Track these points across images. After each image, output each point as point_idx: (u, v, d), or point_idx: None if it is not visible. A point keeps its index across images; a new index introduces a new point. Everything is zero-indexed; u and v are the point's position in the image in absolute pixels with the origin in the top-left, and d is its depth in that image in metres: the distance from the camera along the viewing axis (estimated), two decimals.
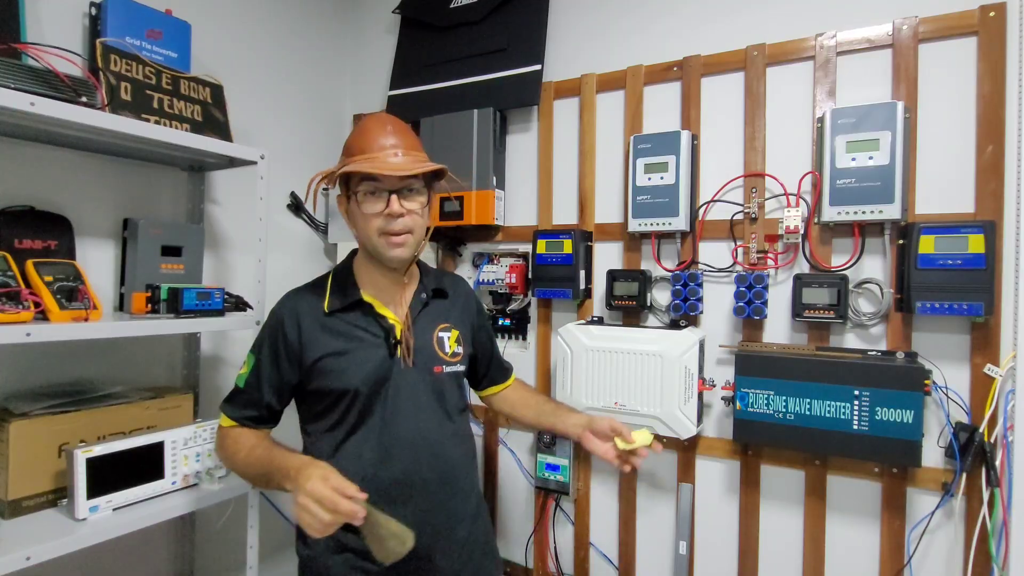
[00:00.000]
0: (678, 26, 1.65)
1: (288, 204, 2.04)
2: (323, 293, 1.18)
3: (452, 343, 1.21)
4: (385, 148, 1.09)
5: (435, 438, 1.15)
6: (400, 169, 1.06)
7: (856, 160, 1.34)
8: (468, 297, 1.32)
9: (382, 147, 1.09)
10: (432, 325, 1.20)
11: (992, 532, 1.24)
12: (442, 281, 1.27)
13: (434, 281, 1.25)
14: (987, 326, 1.28)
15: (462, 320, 1.26)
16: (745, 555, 1.53)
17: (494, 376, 1.39)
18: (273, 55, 1.98)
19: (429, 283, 1.23)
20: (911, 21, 1.35)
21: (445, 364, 1.19)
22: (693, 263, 1.59)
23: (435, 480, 1.13)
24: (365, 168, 1.06)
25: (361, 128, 1.13)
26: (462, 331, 1.25)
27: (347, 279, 1.19)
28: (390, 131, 1.11)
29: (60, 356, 1.42)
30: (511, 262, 1.84)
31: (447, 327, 1.22)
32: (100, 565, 1.51)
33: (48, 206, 1.38)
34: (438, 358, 1.18)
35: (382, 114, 1.23)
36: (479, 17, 1.92)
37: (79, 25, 1.45)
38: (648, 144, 1.58)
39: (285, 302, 1.19)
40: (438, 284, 1.25)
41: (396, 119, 1.17)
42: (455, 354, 1.21)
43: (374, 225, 1.09)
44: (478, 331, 1.32)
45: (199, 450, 1.44)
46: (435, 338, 1.19)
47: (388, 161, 1.07)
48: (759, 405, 1.40)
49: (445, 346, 1.20)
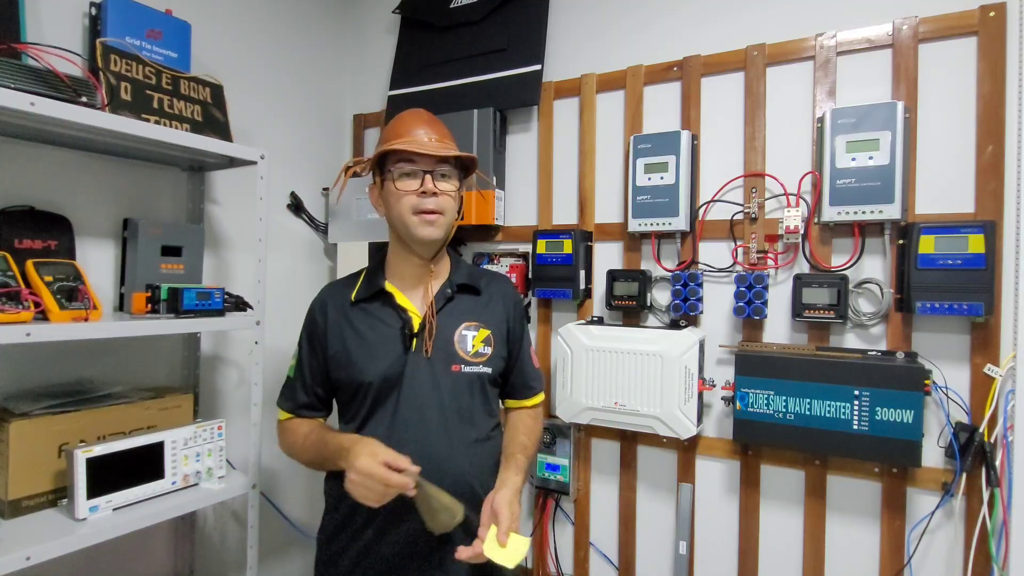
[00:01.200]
0: (678, 26, 1.65)
1: (288, 204, 2.04)
2: (355, 283, 1.22)
3: (477, 342, 1.18)
4: (420, 134, 1.14)
5: (444, 443, 1.12)
6: (434, 149, 1.12)
7: (856, 160, 1.34)
8: (508, 298, 1.26)
9: (417, 133, 1.14)
10: (455, 321, 1.18)
11: (992, 532, 1.24)
12: (476, 278, 1.24)
13: (465, 277, 1.23)
14: (987, 326, 1.28)
15: (496, 321, 1.22)
16: (745, 555, 1.53)
17: (513, 390, 1.30)
18: (273, 55, 1.98)
19: (458, 278, 1.22)
20: (911, 21, 1.35)
21: (465, 363, 1.16)
22: (693, 263, 1.59)
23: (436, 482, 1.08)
24: (402, 146, 1.11)
25: (399, 118, 1.19)
26: (495, 331, 1.21)
27: (378, 269, 1.22)
28: (425, 120, 1.18)
29: (60, 356, 1.42)
30: (511, 262, 1.84)
31: (474, 325, 1.19)
32: (100, 565, 1.51)
33: (48, 206, 1.38)
34: (457, 356, 1.16)
35: (419, 109, 1.27)
36: (479, 17, 1.92)
37: (79, 25, 1.45)
38: (648, 144, 1.58)
39: (321, 292, 1.26)
40: (469, 280, 1.23)
41: (431, 113, 1.22)
42: (479, 354, 1.18)
43: (407, 203, 1.12)
44: (511, 336, 1.25)
45: (199, 450, 1.44)
46: (456, 335, 1.17)
47: (424, 143, 1.13)
48: (759, 405, 1.40)
49: (468, 344, 1.17)
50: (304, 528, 2.04)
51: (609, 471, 1.73)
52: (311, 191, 2.11)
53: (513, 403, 1.31)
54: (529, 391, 1.30)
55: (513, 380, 1.29)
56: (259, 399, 1.53)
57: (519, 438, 1.23)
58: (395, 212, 1.14)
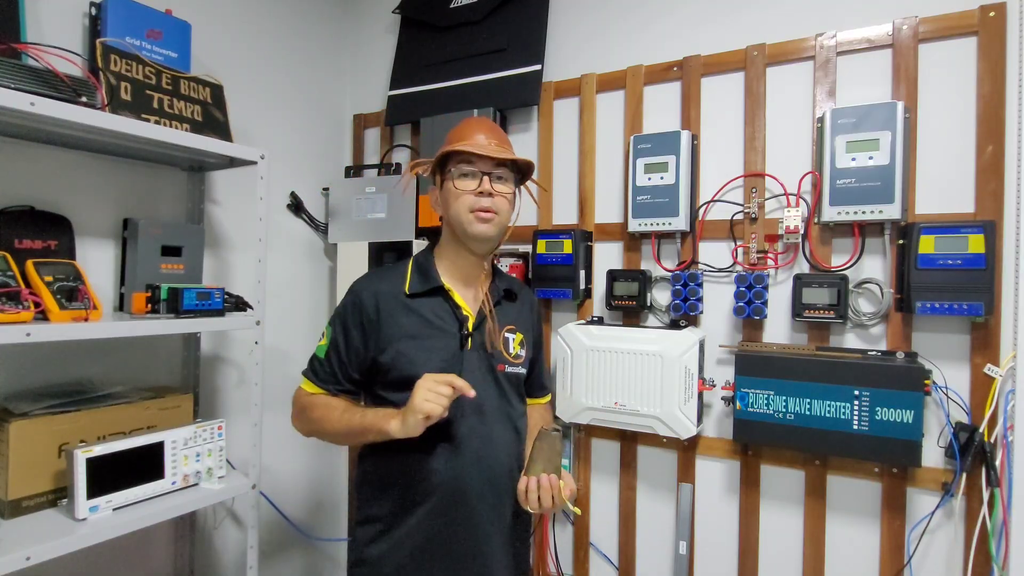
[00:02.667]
0: (678, 26, 1.65)
1: (288, 204, 2.04)
2: (403, 277, 1.24)
3: (516, 345, 1.26)
4: (479, 138, 1.20)
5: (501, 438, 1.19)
6: (495, 152, 1.18)
7: (856, 160, 1.34)
8: (533, 305, 1.38)
9: (478, 138, 1.20)
10: (502, 323, 1.25)
11: (992, 532, 1.24)
12: (512, 284, 1.33)
13: (506, 283, 1.31)
14: (987, 326, 1.28)
15: (527, 326, 1.31)
16: (745, 555, 1.53)
17: (531, 389, 1.38)
18: (273, 55, 1.98)
19: (501, 283, 1.29)
20: (911, 21, 1.35)
21: (508, 364, 1.23)
22: (693, 263, 1.59)
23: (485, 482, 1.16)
24: (464, 147, 1.16)
25: (462, 124, 1.25)
26: (526, 336, 1.29)
27: (429, 266, 1.25)
28: (487, 127, 1.23)
29: (60, 356, 1.42)
30: (511, 262, 1.84)
31: (513, 328, 1.27)
32: (100, 565, 1.51)
33: (48, 206, 1.38)
34: (503, 356, 1.23)
35: (481, 116, 1.32)
36: (479, 17, 1.92)
37: (79, 25, 1.45)
38: (648, 144, 1.58)
39: (365, 282, 1.26)
40: (509, 286, 1.31)
41: (492, 122, 1.29)
42: (518, 356, 1.26)
43: (466, 202, 1.17)
44: (535, 341, 1.35)
45: (199, 450, 1.44)
46: (502, 337, 1.24)
47: (483, 146, 1.18)
48: (759, 405, 1.40)
49: (510, 346, 1.25)
50: (304, 528, 2.04)
51: (609, 471, 1.73)
52: (311, 191, 2.11)
53: (531, 401, 1.38)
54: (544, 391, 1.42)
55: (532, 380, 1.36)
56: (259, 399, 1.53)
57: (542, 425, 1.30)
58: (453, 210, 1.19)
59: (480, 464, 1.16)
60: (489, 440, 1.17)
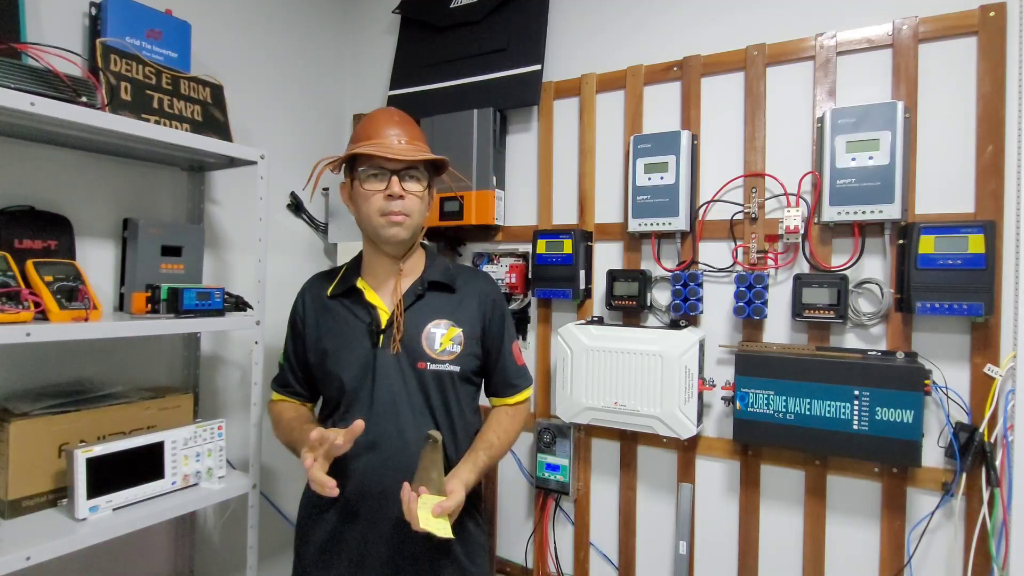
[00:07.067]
0: (678, 26, 1.65)
1: (288, 204, 2.04)
2: (333, 278, 1.25)
3: (445, 340, 1.18)
4: (390, 135, 1.15)
5: (411, 439, 1.13)
6: (402, 153, 1.12)
7: (856, 160, 1.34)
8: (484, 297, 1.25)
9: (387, 134, 1.15)
10: (423, 319, 1.19)
11: (992, 532, 1.24)
12: (451, 275, 1.24)
13: (439, 275, 1.23)
14: (987, 326, 1.28)
15: (469, 319, 1.22)
16: (745, 555, 1.53)
17: (495, 388, 1.30)
18: (273, 55, 1.98)
19: (430, 276, 1.22)
20: (911, 21, 1.35)
21: (431, 361, 1.17)
22: (693, 263, 1.59)
23: (397, 483, 1.04)
24: (369, 150, 1.12)
25: (369, 117, 1.19)
26: (467, 330, 1.20)
27: (355, 266, 1.25)
28: (396, 121, 1.18)
29: (60, 356, 1.42)
30: (511, 262, 1.84)
31: (443, 323, 1.19)
32: (100, 565, 1.51)
33: (48, 206, 1.38)
34: (423, 354, 1.17)
35: (390, 107, 1.28)
36: (479, 17, 1.92)
37: (79, 25, 1.45)
38: (648, 144, 1.58)
39: (305, 286, 1.30)
40: (443, 278, 1.23)
41: (403, 113, 1.22)
42: (447, 352, 1.18)
43: (375, 205, 1.14)
44: (487, 334, 1.25)
45: (199, 450, 1.44)
46: (424, 333, 1.18)
47: (392, 146, 1.13)
48: (759, 405, 1.40)
49: (435, 342, 1.18)
50: None
51: (609, 471, 1.73)
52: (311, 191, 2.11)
53: (497, 401, 1.31)
54: (511, 389, 1.29)
55: (495, 379, 1.29)
56: (259, 399, 1.53)
57: (488, 436, 1.22)
58: (364, 212, 1.17)
59: (390, 464, 1.11)
60: (402, 440, 1.13)
